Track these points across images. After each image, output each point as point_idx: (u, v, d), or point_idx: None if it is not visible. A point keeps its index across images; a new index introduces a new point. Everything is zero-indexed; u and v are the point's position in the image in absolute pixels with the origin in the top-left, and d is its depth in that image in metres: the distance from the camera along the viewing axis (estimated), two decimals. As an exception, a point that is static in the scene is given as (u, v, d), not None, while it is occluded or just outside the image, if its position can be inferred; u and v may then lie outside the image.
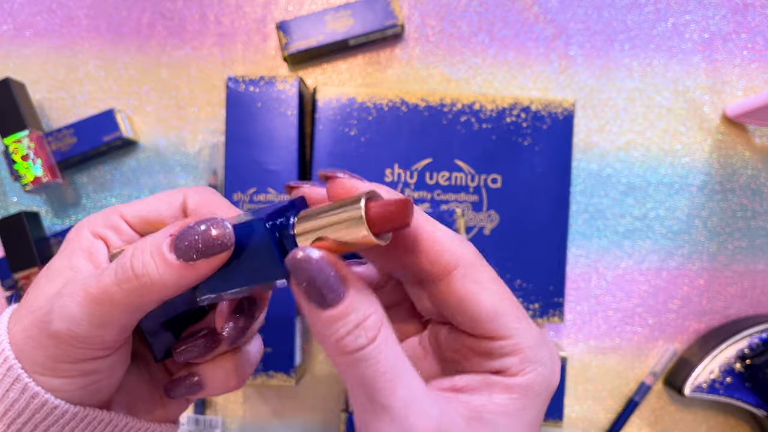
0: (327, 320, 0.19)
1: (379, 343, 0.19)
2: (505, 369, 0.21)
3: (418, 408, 0.19)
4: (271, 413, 0.47)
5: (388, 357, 0.19)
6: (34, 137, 0.43)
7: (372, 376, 0.19)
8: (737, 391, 0.44)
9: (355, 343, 0.19)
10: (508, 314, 0.21)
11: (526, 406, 0.20)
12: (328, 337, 0.19)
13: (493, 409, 0.20)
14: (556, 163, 0.43)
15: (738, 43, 0.48)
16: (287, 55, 0.45)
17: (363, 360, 0.19)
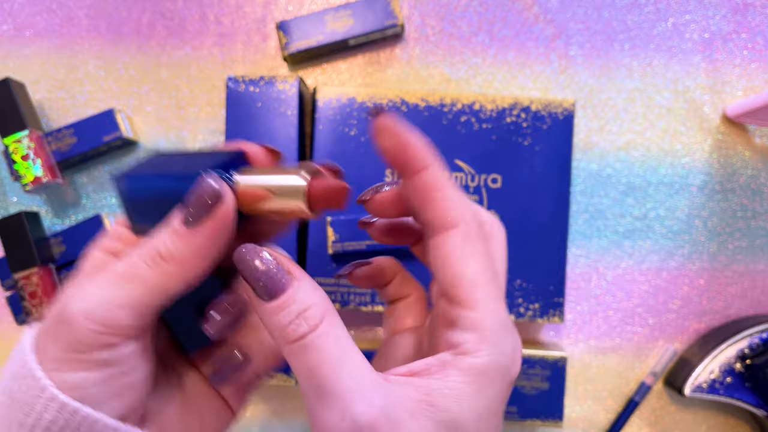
0: (270, 311, 0.20)
1: (321, 333, 0.20)
2: (460, 344, 0.20)
3: (364, 395, 0.19)
4: (271, 413, 0.47)
5: (332, 345, 0.20)
6: (34, 137, 0.43)
7: (316, 365, 0.19)
8: (737, 391, 0.44)
9: (297, 331, 0.20)
10: (483, 289, 0.21)
11: (480, 391, 0.20)
12: (273, 327, 0.20)
13: (446, 393, 0.20)
14: (556, 163, 0.43)
15: (738, 43, 0.48)
16: (287, 55, 0.45)
17: (306, 348, 0.20)
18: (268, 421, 0.47)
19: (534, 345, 0.46)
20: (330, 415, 0.19)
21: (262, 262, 0.20)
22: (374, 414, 0.19)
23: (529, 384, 0.44)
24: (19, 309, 0.45)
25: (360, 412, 0.19)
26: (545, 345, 0.47)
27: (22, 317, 0.45)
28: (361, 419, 0.19)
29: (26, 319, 0.44)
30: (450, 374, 0.20)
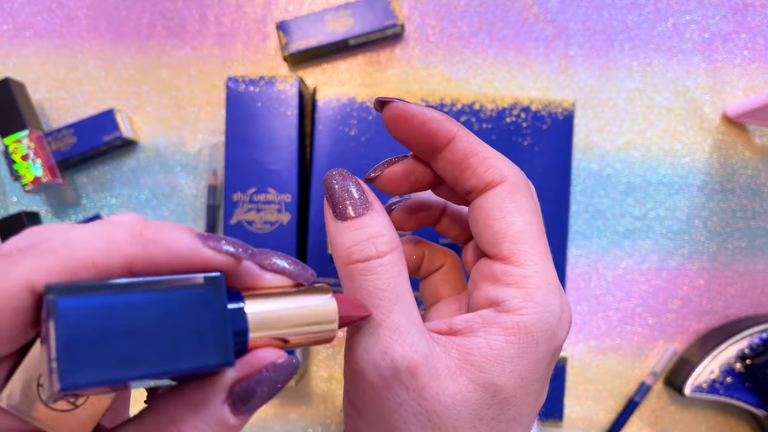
0: (343, 228, 0.20)
1: (386, 262, 0.19)
2: (504, 301, 0.19)
3: (411, 338, 0.19)
4: (271, 413, 0.47)
5: (393, 278, 0.19)
6: (34, 137, 0.43)
7: (371, 290, 0.19)
8: (737, 391, 0.44)
9: (363, 252, 0.19)
10: (531, 245, 0.20)
11: (522, 353, 0.19)
12: (341, 245, 0.20)
13: (486, 352, 0.19)
14: (556, 163, 0.43)
15: (738, 43, 0.48)
16: (287, 55, 0.45)
17: (367, 272, 0.19)
18: (268, 421, 0.47)
19: (534, 345, 0.46)
20: (371, 348, 0.18)
21: (349, 186, 0.20)
22: (417, 360, 0.18)
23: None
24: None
25: (402, 354, 0.18)
26: (545, 345, 0.47)
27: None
28: (402, 362, 0.18)
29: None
30: (492, 332, 0.19)
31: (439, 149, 0.21)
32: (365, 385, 0.19)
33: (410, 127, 0.21)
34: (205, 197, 0.47)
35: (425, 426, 0.19)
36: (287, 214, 0.42)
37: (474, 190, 0.21)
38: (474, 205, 0.21)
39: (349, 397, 0.20)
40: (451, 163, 0.21)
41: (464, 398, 0.19)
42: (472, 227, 0.21)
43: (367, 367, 0.18)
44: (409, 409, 0.19)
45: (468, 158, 0.21)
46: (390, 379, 0.18)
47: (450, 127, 0.21)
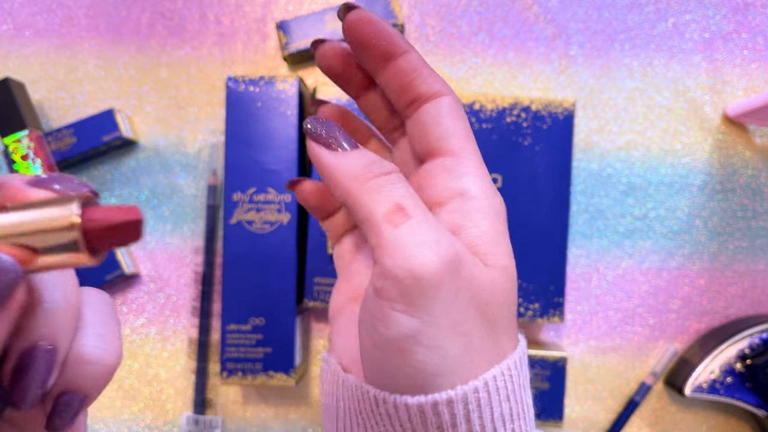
0: (350, 154, 0.20)
1: (402, 176, 0.20)
2: (468, 189, 0.21)
3: (446, 233, 0.19)
4: (271, 413, 0.47)
5: (411, 188, 0.20)
6: (33, 137, 0.43)
7: (405, 194, 0.19)
8: (738, 392, 0.44)
9: (383, 167, 0.20)
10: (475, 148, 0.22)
11: (504, 232, 0.21)
12: (354, 166, 0.20)
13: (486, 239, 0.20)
14: (557, 163, 0.43)
15: (738, 42, 0.48)
16: (287, 55, 0.45)
17: (392, 182, 0.20)
18: (268, 421, 0.47)
19: (534, 345, 0.46)
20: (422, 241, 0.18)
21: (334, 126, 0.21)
22: (460, 249, 0.19)
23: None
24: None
25: (451, 242, 0.19)
26: (545, 345, 0.47)
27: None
28: (451, 249, 0.19)
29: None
30: (476, 218, 0.21)
31: (393, 58, 0.22)
32: (427, 278, 0.18)
33: (372, 32, 0.22)
34: (205, 197, 0.47)
35: (476, 316, 0.19)
36: (287, 214, 0.42)
37: (420, 98, 0.22)
38: (422, 110, 0.22)
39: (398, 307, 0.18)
40: (403, 72, 0.22)
41: (497, 285, 0.20)
42: (417, 130, 0.23)
43: (427, 258, 0.18)
44: (464, 299, 0.19)
45: (420, 69, 0.22)
46: (447, 265, 0.18)
47: (404, 42, 0.22)
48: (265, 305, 0.42)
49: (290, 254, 0.42)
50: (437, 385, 0.18)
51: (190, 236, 0.47)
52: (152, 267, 0.47)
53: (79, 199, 0.15)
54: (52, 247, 0.15)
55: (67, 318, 0.17)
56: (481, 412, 0.19)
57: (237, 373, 0.42)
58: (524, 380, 0.21)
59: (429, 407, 0.19)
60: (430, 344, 0.18)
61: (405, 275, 0.18)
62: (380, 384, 0.20)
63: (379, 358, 0.19)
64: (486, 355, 0.19)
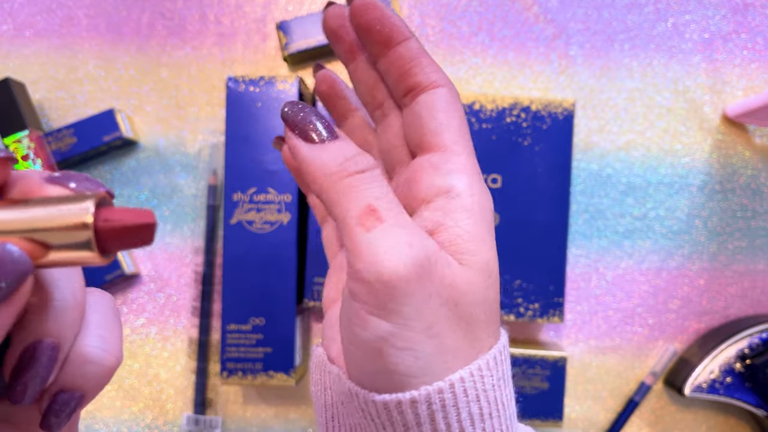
0: (327, 147, 0.20)
1: (378, 173, 0.20)
2: (454, 186, 0.21)
3: (421, 233, 0.19)
4: (271, 413, 0.47)
5: (388, 186, 0.20)
6: (34, 137, 0.43)
7: (379, 195, 0.19)
8: (737, 391, 0.44)
9: (359, 164, 0.19)
10: (467, 142, 0.22)
11: (488, 230, 0.21)
12: (330, 161, 0.19)
13: (466, 237, 0.20)
14: (556, 163, 0.43)
15: (738, 43, 0.48)
16: (287, 55, 0.45)
17: (368, 180, 0.19)
18: (268, 421, 0.47)
19: (534, 345, 0.46)
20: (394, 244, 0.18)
21: (312, 113, 0.20)
22: (433, 250, 0.19)
23: (529, 384, 0.44)
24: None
25: (424, 245, 0.19)
26: (545, 345, 0.47)
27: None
28: (424, 252, 0.19)
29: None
30: (458, 217, 0.20)
31: (394, 44, 0.22)
32: (396, 282, 0.18)
33: (375, 17, 0.22)
34: (205, 197, 0.47)
35: (449, 316, 0.19)
36: (287, 214, 0.42)
37: (417, 87, 0.22)
38: (418, 101, 0.22)
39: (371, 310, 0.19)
40: (402, 58, 0.22)
41: (473, 283, 0.20)
42: (412, 120, 0.22)
43: (395, 262, 0.18)
44: (437, 300, 0.19)
45: (419, 58, 0.22)
46: (419, 269, 0.18)
47: (406, 29, 0.22)
48: (265, 305, 0.42)
49: (290, 254, 0.42)
50: (411, 385, 0.19)
51: (190, 236, 0.47)
52: (152, 267, 0.47)
53: (95, 198, 0.15)
54: (63, 245, 0.15)
55: (73, 316, 0.17)
56: (446, 413, 0.19)
57: (237, 373, 0.42)
58: (500, 379, 0.20)
59: (393, 406, 0.19)
60: (403, 346, 0.18)
61: (375, 280, 0.18)
62: (359, 380, 0.20)
63: (357, 357, 0.19)
64: (461, 355, 0.19)
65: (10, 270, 0.14)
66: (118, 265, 0.45)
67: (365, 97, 0.25)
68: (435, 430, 0.19)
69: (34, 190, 0.16)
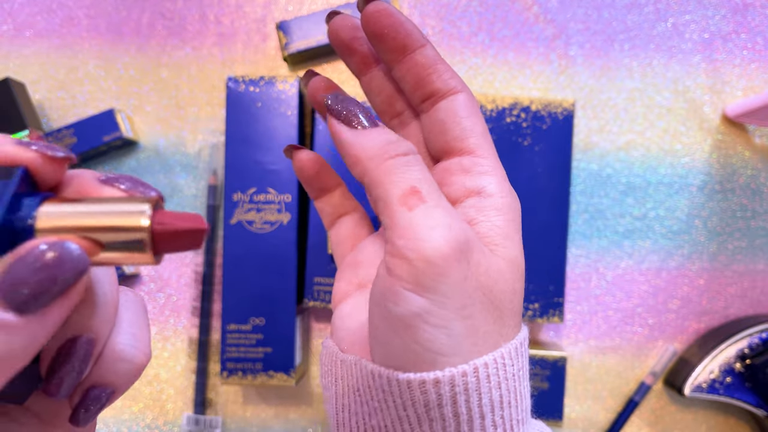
0: (369, 132, 0.20)
1: (419, 158, 0.21)
2: (485, 188, 0.21)
3: (459, 218, 0.20)
4: (271, 413, 0.47)
5: (427, 171, 0.20)
6: (34, 137, 0.43)
7: (420, 178, 0.20)
8: (737, 391, 0.44)
9: (400, 148, 0.20)
10: (491, 145, 0.23)
11: (517, 229, 0.22)
12: (372, 145, 0.20)
13: (497, 232, 0.21)
14: (556, 163, 0.43)
15: (738, 43, 0.48)
16: (287, 55, 0.45)
17: (410, 164, 0.20)
18: (268, 421, 0.47)
19: (534, 345, 0.46)
20: (435, 224, 0.19)
21: (354, 103, 0.21)
22: (470, 235, 0.20)
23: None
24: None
25: (462, 228, 0.19)
26: (545, 345, 0.47)
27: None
28: (463, 235, 0.19)
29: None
30: (490, 215, 0.21)
31: (410, 51, 0.22)
32: (437, 260, 0.19)
33: (389, 24, 0.22)
34: (205, 197, 0.47)
35: (483, 300, 0.20)
36: (287, 214, 0.42)
37: (437, 94, 0.22)
38: (438, 107, 0.23)
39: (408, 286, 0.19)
40: (419, 66, 0.22)
41: (504, 273, 0.20)
42: (434, 127, 0.23)
43: (438, 240, 0.19)
44: (472, 283, 0.19)
45: (436, 64, 0.22)
46: (458, 250, 0.19)
47: (421, 36, 0.22)
48: (265, 305, 0.42)
49: (290, 254, 0.42)
50: (440, 364, 0.19)
51: (190, 236, 0.47)
52: (152, 267, 0.47)
53: (151, 201, 0.16)
54: (118, 244, 0.15)
55: (109, 313, 0.18)
56: (468, 396, 0.19)
57: (237, 373, 0.42)
58: (519, 370, 0.21)
59: (417, 385, 0.19)
60: (436, 323, 0.19)
61: (416, 257, 0.18)
62: (385, 361, 0.20)
63: (388, 334, 0.20)
64: (490, 340, 0.20)
65: (69, 268, 0.15)
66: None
67: (382, 107, 0.25)
68: (456, 413, 0.19)
69: (88, 189, 0.17)
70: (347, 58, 0.24)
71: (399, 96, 0.24)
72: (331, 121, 0.21)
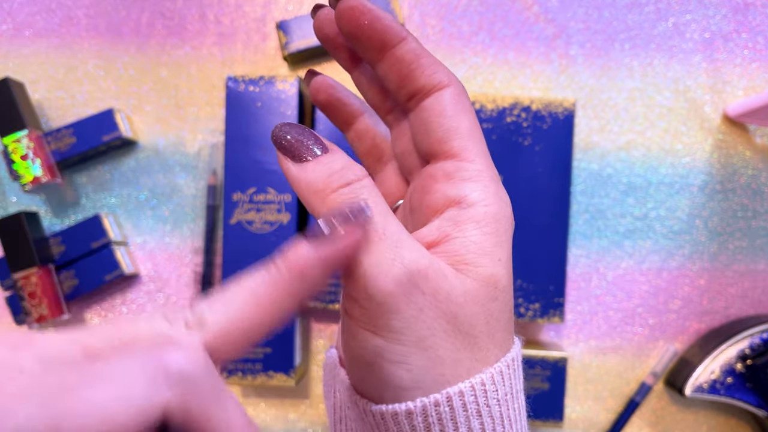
0: (313, 166, 0.19)
1: (367, 183, 0.19)
2: (465, 196, 0.20)
3: (412, 245, 0.19)
4: (271, 413, 0.47)
5: (378, 196, 0.19)
6: (33, 137, 0.43)
7: None
8: (738, 392, 0.44)
9: (344, 178, 0.19)
10: (478, 143, 0.21)
11: (499, 242, 0.20)
12: (315, 180, 0.19)
13: (473, 248, 0.20)
14: (557, 163, 0.43)
15: (739, 42, 0.48)
16: (287, 54, 0.45)
17: (354, 193, 0.19)
18: (268, 421, 0.47)
19: (534, 345, 0.46)
20: (379, 260, 0.18)
21: (302, 131, 0.20)
22: (425, 263, 0.19)
23: (529, 384, 0.44)
24: (18, 309, 0.44)
25: (411, 258, 0.18)
26: (545, 345, 0.47)
27: (21, 317, 0.45)
28: (413, 265, 0.18)
29: (25, 319, 0.44)
30: (467, 229, 0.20)
31: (389, 47, 0.20)
32: (382, 299, 0.18)
33: (364, 20, 0.20)
34: (205, 197, 0.47)
35: (446, 329, 0.19)
36: (287, 214, 0.42)
37: (421, 91, 0.21)
38: (422, 106, 0.21)
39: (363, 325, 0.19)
40: (401, 62, 0.21)
41: (473, 295, 0.19)
42: (419, 128, 0.21)
43: (380, 279, 0.18)
44: (430, 314, 0.19)
45: (419, 59, 0.21)
46: (406, 284, 0.18)
47: (400, 29, 0.20)
48: (265, 305, 0.42)
49: (290, 254, 0.42)
50: (405, 398, 0.19)
51: (190, 236, 0.47)
52: (152, 267, 0.47)
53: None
54: None
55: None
56: (443, 426, 0.19)
57: (237, 373, 0.42)
58: (507, 394, 0.20)
59: (390, 416, 0.19)
60: (394, 360, 0.18)
61: (363, 298, 0.18)
62: (360, 389, 0.20)
63: (356, 368, 0.20)
64: (461, 368, 0.19)
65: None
66: (117, 265, 0.45)
67: (375, 103, 0.24)
68: None
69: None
70: (334, 54, 0.24)
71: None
72: (278, 156, 0.20)
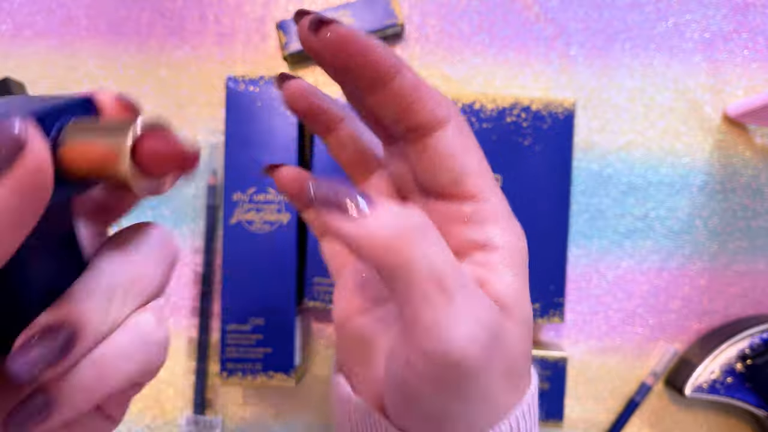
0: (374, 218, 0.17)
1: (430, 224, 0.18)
2: (491, 240, 0.19)
3: (483, 296, 0.18)
4: (271, 413, 0.47)
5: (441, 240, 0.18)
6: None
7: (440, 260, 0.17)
8: (738, 392, 0.44)
9: (411, 220, 0.17)
10: (489, 178, 0.20)
11: (525, 282, 0.20)
12: (379, 227, 0.17)
13: (509, 293, 0.19)
14: (557, 163, 0.43)
15: (739, 42, 0.48)
16: (287, 54, 0.45)
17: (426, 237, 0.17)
18: (268, 421, 0.47)
19: (534, 345, 0.46)
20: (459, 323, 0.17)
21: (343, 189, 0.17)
22: (496, 317, 0.18)
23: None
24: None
25: (489, 317, 0.18)
26: (545, 345, 0.47)
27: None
28: (494, 323, 0.18)
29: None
30: (502, 272, 0.19)
31: (385, 82, 0.18)
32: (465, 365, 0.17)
33: (354, 52, 0.18)
34: (205, 197, 0.47)
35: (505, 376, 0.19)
36: (287, 214, 0.42)
37: (422, 127, 0.19)
38: (427, 144, 0.19)
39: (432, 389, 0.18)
40: (398, 97, 0.19)
41: (519, 339, 0.19)
42: (424, 165, 0.20)
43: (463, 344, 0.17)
44: (499, 370, 0.18)
45: (414, 94, 0.19)
46: (487, 348, 0.17)
47: (397, 61, 0.19)
48: (265, 305, 0.42)
49: (290, 254, 0.42)
50: None
51: (190, 236, 0.47)
52: (152, 267, 0.47)
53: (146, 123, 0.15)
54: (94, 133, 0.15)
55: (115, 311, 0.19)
56: None
57: (237, 373, 0.42)
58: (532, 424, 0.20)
59: None
60: (457, 418, 0.18)
61: (443, 362, 0.17)
62: (399, 424, 0.20)
63: (409, 414, 0.19)
64: (503, 406, 0.19)
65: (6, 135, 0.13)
66: (117, 265, 0.45)
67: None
68: None
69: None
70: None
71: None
72: (323, 215, 0.17)
